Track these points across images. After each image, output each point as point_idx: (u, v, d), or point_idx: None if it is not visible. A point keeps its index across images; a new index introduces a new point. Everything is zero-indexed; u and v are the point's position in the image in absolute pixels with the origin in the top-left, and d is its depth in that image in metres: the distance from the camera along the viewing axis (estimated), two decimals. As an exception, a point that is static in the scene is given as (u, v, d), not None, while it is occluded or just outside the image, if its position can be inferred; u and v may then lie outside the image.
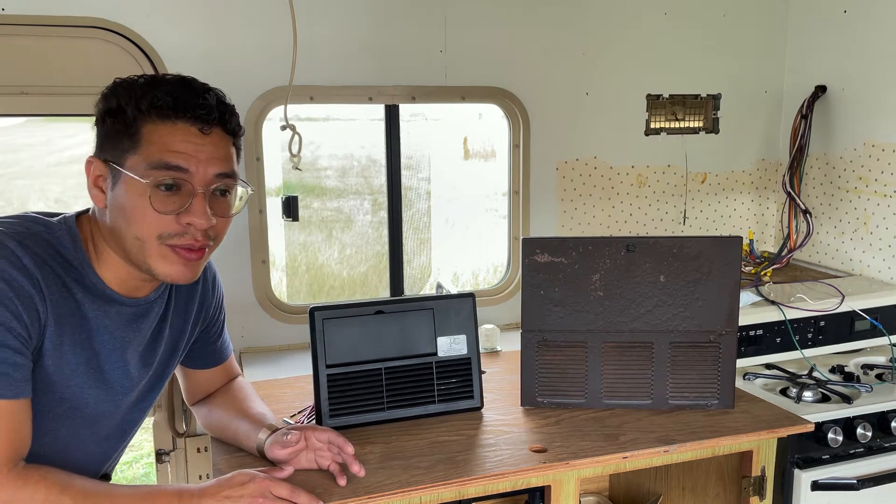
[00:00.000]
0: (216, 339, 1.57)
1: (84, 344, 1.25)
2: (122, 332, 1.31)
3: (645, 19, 2.65)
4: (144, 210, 1.20)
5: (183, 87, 1.24)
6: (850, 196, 2.66)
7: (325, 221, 8.44)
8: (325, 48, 2.28)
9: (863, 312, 2.29)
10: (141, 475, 4.23)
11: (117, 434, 1.39)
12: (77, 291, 1.23)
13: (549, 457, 1.46)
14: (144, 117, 1.21)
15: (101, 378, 1.29)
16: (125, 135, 1.21)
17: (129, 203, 1.21)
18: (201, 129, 1.23)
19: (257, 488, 1.23)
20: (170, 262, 1.24)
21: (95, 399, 1.29)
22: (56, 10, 1.99)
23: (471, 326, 1.68)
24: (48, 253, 1.20)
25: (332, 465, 1.37)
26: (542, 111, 2.56)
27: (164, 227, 1.22)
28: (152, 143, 1.20)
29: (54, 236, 1.23)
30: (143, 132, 1.21)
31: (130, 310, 1.31)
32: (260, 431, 1.42)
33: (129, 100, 1.21)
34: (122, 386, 1.33)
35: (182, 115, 1.21)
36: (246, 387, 1.62)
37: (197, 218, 1.22)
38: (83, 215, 1.30)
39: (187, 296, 1.45)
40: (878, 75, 2.52)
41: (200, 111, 1.22)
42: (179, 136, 1.21)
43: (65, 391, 1.24)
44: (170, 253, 1.24)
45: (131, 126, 1.21)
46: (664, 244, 1.66)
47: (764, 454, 1.62)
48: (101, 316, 1.27)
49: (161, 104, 1.20)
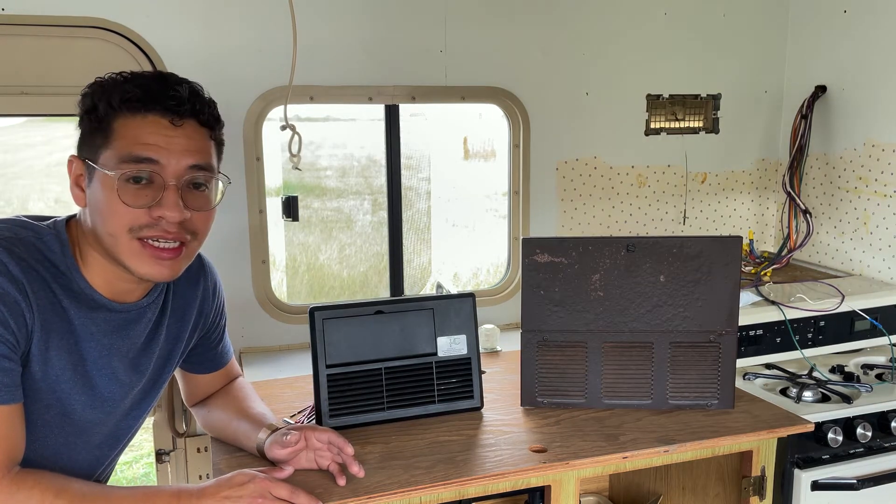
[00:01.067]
0: (216, 345, 1.56)
1: (70, 350, 1.23)
2: (108, 339, 1.29)
3: (645, 19, 2.65)
4: (115, 204, 1.19)
5: (155, 81, 1.23)
6: (850, 196, 2.66)
7: (325, 221, 8.44)
8: (325, 48, 2.27)
9: (863, 312, 2.29)
10: (141, 475, 4.23)
11: (110, 441, 1.37)
12: (63, 297, 1.22)
13: (549, 457, 1.46)
14: (115, 112, 1.20)
15: (89, 385, 1.27)
16: (98, 131, 1.21)
17: (103, 198, 1.20)
18: (172, 120, 1.21)
19: (257, 489, 1.23)
20: (142, 259, 1.22)
21: (83, 406, 1.27)
22: (56, 10, 1.99)
23: (471, 326, 1.68)
24: (35, 258, 1.19)
25: (331, 466, 1.36)
26: (542, 111, 2.56)
27: (133, 220, 1.20)
28: (122, 137, 1.19)
29: (42, 241, 1.22)
30: (115, 126, 1.20)
31: (120, 316, 1.30)
32: (260, 431, 1.42)
33: (102, 96, 1.20)
34: (110, 393, 1.31)
35: (152, 108, 1.20)
36: (246, 387, 1.61)
37: (168, 211, 1.20)
38: (73, 219, 1.29)
39: (185, 302, 1.44)
40: (878, 75, 2.52)
41: (171, 102, 1.20)
42: (149, 128, 1.20)
43: (51, 397, 1.23)
44: (141, 248, 1.21)
45: (103, 121, 1.20)
46: (664, 244, 1.66)
47: (764, 454, 1.62)
48: (88, 323, 1.25)
49: (131, 97, 1.19)
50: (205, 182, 1.27)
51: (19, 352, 1.17)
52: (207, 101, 1.27)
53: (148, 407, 1.44)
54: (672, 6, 2.67)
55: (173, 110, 1.20)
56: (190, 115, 1.23)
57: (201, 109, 1.24)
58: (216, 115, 1.29)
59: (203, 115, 1.25)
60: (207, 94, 1.28)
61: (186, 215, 1.22)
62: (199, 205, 1.26)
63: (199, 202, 1.26)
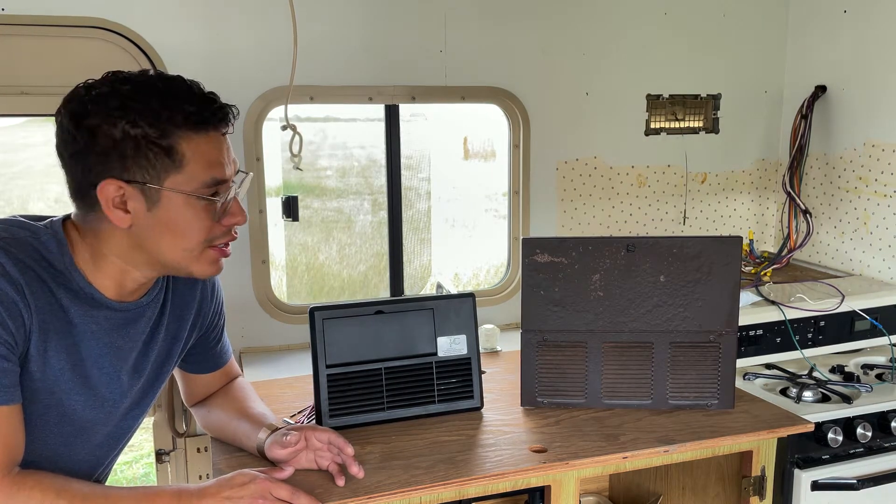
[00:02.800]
0: (215, 345, 1.56)
1: (70, 350, 1.24)
2: (109, 337, 1.29)
3: (645, 19, 2.65)
4: (194, 222, 1.23)
5: (194, 94, 1.23)
6: (850, 196, 2.66)
7: (325, 221, 8.44)
8: (325, 48, 2.28)
9: (863, 312, 2.29)
10: (141, 475, 4.24)
11: (110, 442, 1.37)
12: (63, 297, 1.22)
13: (549, 457, 1.46)
14: (177, 133, 1.19)
15: (88, 384, 1.27)
16: (156, 154, 1.19)
17: (178, 218, 1.22)
18: (224, 133, 1.26)
19: (257, 489, 1.23)
20: (212, 262, 1.29)
21: (83, 406, 1.28)
22: (56, 10, 1.99)
23: (471, 326, 1.68)
24: (33, 258, 1.19)
25: (331, 466, 1.37)
26: (542, 111, 2.56)
27: (210, 232, 1.26)
28: (195, 161, 1.21)
29: (40, 241, 1.22)
30: (180, 148, 1.20)
31: (120, 315, 1.30)
32: (260, 431, 1.42)
33: (149, 117, 1.18)
34: (111, 392, 1.31)
35: (211, 123, 1.23)
36: (245, 387, 1.61)
37: (240, 217, 1.28)
38: (69, 219, 1.29)
39: (184, 301, 1.44)
40: (878, 75, 2.52)
41: (220, 115, 1.24)
42: (215, 145, 1.24)
43: (50, 398, 1.23)
44: (213, 253, 1.29)
45: (160, 144, 1.18)
46: (664, 244, 1.66)
47: (764, 454, 1.62)
48: (88, 321, 1.25)
49: (191, 118, 1.20)
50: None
51: (17, 353, 1.17)
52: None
53: (147, 406, 1.43)
54: (672, 6, 2.67)
55: (225, 121, 1.26)
56: (229, 122, 1.28)
57: (228, 114, 1.28)
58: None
59: (230, 119, 1.29)
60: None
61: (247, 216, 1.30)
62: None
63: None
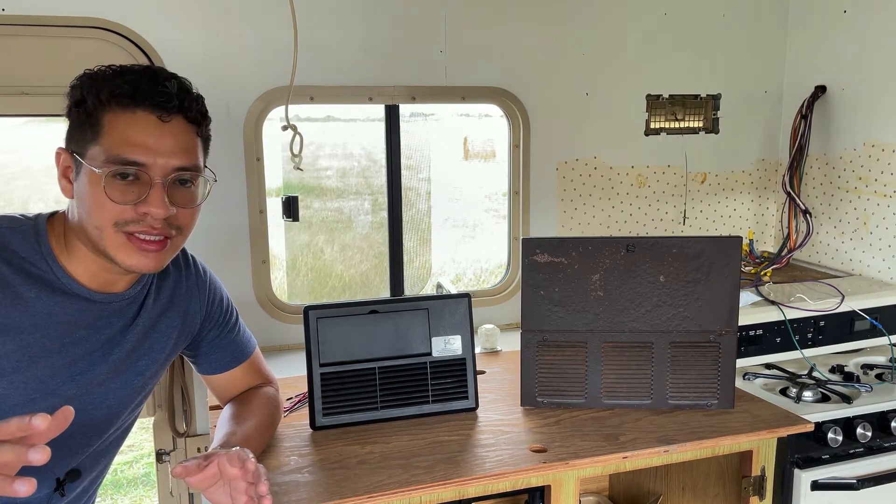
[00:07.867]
0: (217, 346, 1.53)
1: (25, 341, 1.21)
2: (84, 330, 1.27)
3: (645, 19, 2.65)
4: (101, 199, 1.19)
5: (145, 76, 1.22)
6: (849, 196, 2.66)
7: (325, 222, 8.45)
8: (325, 48, 2.28)
9: (863, 312, 2.29)
10: (141, 475, 4.24)
11: (83, 430, 1.30)
12: (21, 286, 1.20)
13: (548, 457, 1.46)
14: (104, 107, 1.19)
15: (50, 372, 1.24)
16: (87, 125, 1.20)
17: (89, 193, 1.20)
18: (160, 116, 1.20)
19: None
20: (128, 251, 1.23)
21: (20, 391, 1.22)
22: (56, 10, 1.99)
23: (466, 327, 1.67)
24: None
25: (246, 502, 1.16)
26: (542, 111, 2.56)
27: (119, 215, 1.21)
28: (111, 134, 1.19)
29: (14, 232, 1.22)
30: (104, 122, 1.19)
31: (98, 306, 1.29)
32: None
33: (91, 89, 1.20)
34: (74, 380, 1.27)
35: (141, 104, 1.19)
36: (254, 400, 1.53)
37: (154, 208, 1.21)
38: (58, 212, 1.29)
39: (170, 298, 1.41)
40: (878, 75, 2.52)
41: (160, 98, 1.20)
42: (138, 126, 1.20)
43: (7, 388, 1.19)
44: (126, 241, 1.22)
45: (92, 115, 1.20)
46: (664, 244, 1.66)
47: (764, 454, 1.62)
48: (58, 312, 1.24)
49: (120, 92, 1.19)
50: (191, 179, 1.27)
51: None
52: (195, 96, 1.26)
53: (131, 401, 1.39)
54: (672, 6, 2.67)
55: (162, 107, 1.20)
56: (178, 112, 1.23)
57: (189, 106, 1.24)
58: (203, 111, 1.29)
59: (191, 111, 1.25)
60: (195, 90, 1.27)
61: (172, 212, 1.23)
62: (185, 201, 1.26)
63: (184, 199, 1.26)
